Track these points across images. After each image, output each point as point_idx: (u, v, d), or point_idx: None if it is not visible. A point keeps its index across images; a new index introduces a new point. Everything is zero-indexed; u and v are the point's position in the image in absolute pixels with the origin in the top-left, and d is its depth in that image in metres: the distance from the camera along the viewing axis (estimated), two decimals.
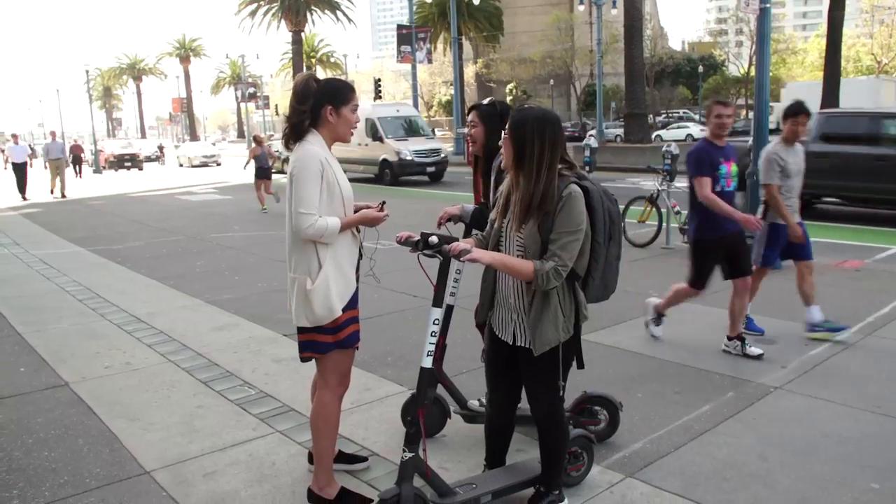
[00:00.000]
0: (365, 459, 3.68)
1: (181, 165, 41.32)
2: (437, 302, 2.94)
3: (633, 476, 3.51)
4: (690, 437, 3.94)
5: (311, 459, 3.59)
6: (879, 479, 3.44)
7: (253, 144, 15.98)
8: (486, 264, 2.89)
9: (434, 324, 2.93)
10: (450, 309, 3.75)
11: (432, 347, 2.94)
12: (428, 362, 2.95)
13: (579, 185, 2.85)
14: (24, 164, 20.60)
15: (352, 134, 3.27)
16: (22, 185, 20.28)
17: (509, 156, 2.87)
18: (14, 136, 22.37)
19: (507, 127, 2.90)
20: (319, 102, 3.12)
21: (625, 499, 3.31)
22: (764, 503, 3.26)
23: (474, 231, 3.82)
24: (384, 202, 3.32)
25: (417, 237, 2.99)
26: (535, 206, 2.80)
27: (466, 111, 4.00)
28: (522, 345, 2.95)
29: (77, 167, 30.41)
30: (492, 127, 3.80)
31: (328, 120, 3.14)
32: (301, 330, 3.21)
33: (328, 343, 3.18)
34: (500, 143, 3.02)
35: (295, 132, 3.15)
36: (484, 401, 3.98)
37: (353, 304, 3.22)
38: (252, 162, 15.35)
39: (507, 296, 3.00)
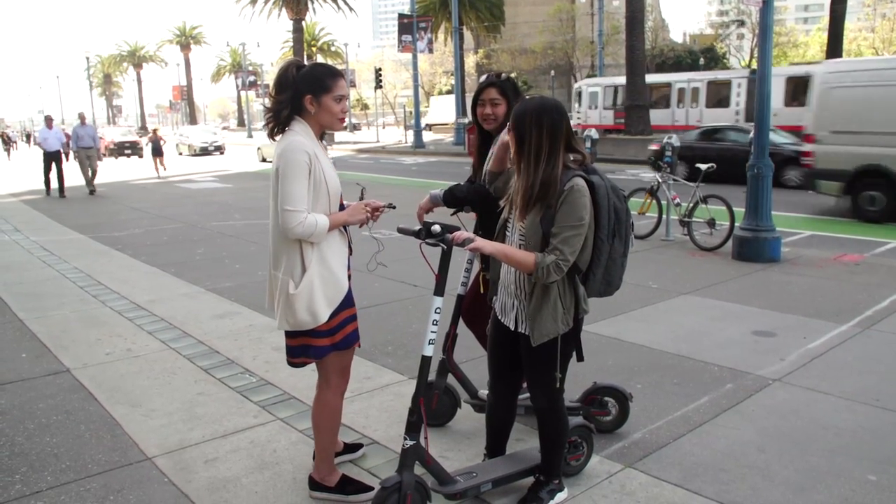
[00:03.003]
0: (361, 445, 3.70)
1: (264, 160, 29.45)
2: (439, 291, 2.95)
3: (632, 466, 3.53)
4: (689, 428, 3.96)
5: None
6: (877, 472, 3.46)
7: (150, 133, 25.42)
8: (488, 254, 2.90)
9: (436, 312, 2.94)
10: (460, 298, 3.77)
11: (433, 336, 2.95)
12: (429, 351, 2.95)
13: (586, 179, 2.83)
14: (59, 153, 17.47)
15: (342, 123, 3.10)
16: (58, 178, 17.13)
17: (512, 147, 2.87)
18: (48, 119, 18.25)
19: (509, 120, 2.89)
20: (299, 91, 2.97)
21: (624, 488, 3.33)
22: (762, 494, 3.28)
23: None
24: (392, 206, 3.20)
25: (419, 226, 2.99)
26: (535, 196, 2.80)
27: (479, 88, 3.74)
28: (523, 331, 2.97)
29: (65, 153, 32.10)
30: (514, 102, 3.60)
31: (308, 110, 2.99)
32: (291, 333, 3.08)
33: (324, 346, 3.06)
34: (504, 133, 3.00)
35: (276, 121, 3.00)
36: None
37: (348, 303, 3.10)
38: (150, 144, 23.18)
39: (509, 282, 3.01)
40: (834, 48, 30.01)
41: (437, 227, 2.90)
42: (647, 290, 6.96)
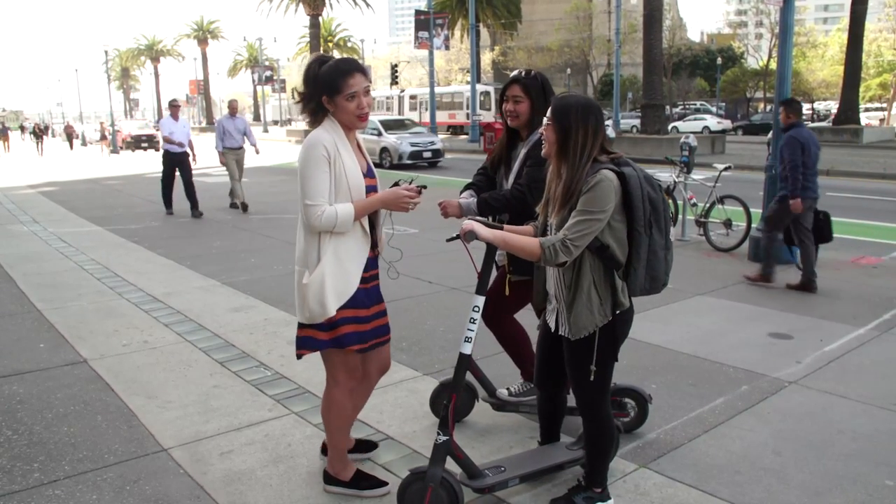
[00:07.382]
0: (376, 445, 3.69)
1: None
2: (481, 290, 2.92)
3: (646, 466, 3.52)
4: (704, 429, 3.95)
5: (324, 450, 3.55)
6: (894, 476, 3.43)
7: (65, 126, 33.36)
8: (483, 240, 2.82)
9: (474, 311, 2.92)
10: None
11: (471, 334, 2.94)
12: (467, 348, 2.96)
13: (617, 171, 2.76)
14: (186, 154, 12.54)
15: (361, 120, 2.98)
16: (187, 191, 12.51)
17: (552, 144, 2.81)
18: (173, 107, 12.77)
19: (549, 114, 2.82)
20: (317, 92, 2.97)
21: (638, 488, 3.33)
22: (777, 497, 3.26)
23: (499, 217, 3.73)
24: (424, 186, 3.12)
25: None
26: (574, 194, 2.76)
27: (505, 85, 3.71)
28: (562, 333, 2.94)
29: (70, 142, 40.41)
30: (538, 100, 3.59)
31: (328, 109, 2.99)
32: (300, 325, 3.10)
33: (323, 340, 3.04)
34: (542, 130, 2.91)
35: (310, 115, 3.03)
36: (512, 389, 4.00)
37: (354, 303, 3.02)
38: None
39: (549, 285, 3.01)
40: (854, 49, 29.76)
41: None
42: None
